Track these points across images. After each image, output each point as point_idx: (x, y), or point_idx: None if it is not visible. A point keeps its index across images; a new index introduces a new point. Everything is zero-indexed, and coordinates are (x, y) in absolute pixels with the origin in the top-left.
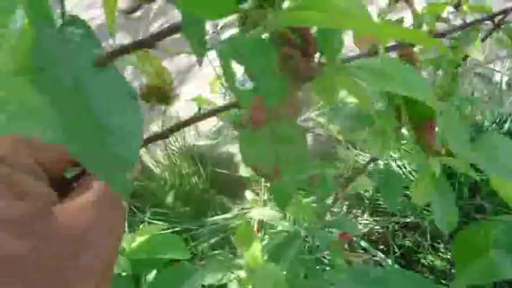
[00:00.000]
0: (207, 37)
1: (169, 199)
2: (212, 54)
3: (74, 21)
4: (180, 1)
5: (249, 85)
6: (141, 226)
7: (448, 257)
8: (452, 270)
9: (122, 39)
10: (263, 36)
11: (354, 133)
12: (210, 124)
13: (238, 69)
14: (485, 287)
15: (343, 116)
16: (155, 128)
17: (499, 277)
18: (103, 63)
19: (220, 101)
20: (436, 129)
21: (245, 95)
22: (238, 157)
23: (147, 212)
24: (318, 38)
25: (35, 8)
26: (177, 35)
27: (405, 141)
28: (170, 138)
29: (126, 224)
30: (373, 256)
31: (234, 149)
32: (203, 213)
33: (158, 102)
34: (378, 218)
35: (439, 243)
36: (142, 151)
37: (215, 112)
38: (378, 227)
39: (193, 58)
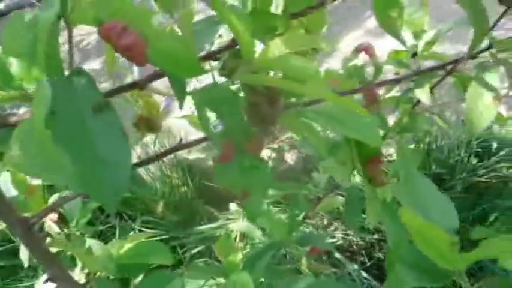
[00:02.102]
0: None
1: (159, 208)
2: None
3: (79, 72)
4: (160, 65)
5: (221, 128)
6: (131, 233)
7: None
8: None
9: None
10: (232, 87)
11: (321, 160)
12: (200, 135)
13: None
14: None
15: (311, 144)
16: (147, 139)
17: (407, 287)
18: (102, 107)
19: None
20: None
21: (217, 137)
22: None
23: (138, 220)
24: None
25: (50, 66)
26: None
27: None
28: (161, 149)
29: (117, 231)
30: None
31: None
32: (191, 222)
33: (147, 131)
34: (354, 232)
35: None
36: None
37: (199, 142)
38: (355, 240)
39: None
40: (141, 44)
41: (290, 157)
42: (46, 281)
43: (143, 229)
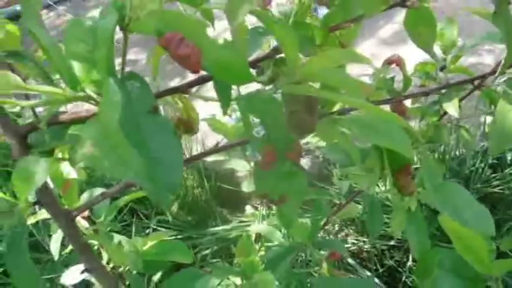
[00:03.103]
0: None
1: (174, 208)
2: None
3: (132, 75)
4: (213, 73)
5: (263, 134)
6: (146, 231)
7: None
8: None
9: (137, 54)
10: (275, 95)
11: (345, 167)
12: (217, 138)
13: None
14: None
15: (338, 151)
16: None
17: None
18: (155, 110)
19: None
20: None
21: (259, 142)
22: (240, 173)
23: (153, 219)
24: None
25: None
26: None
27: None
28: None
29: (133, 229)
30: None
31: (237, 166)
32: (204, 224)
33: (185, 133)
34: (366, 239)
35: None
36: None
37: (232, 146)
38: (366, 247)
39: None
40: (196, 54)
41: (305, 163)
42: (83, 271)
43: (158, 228)
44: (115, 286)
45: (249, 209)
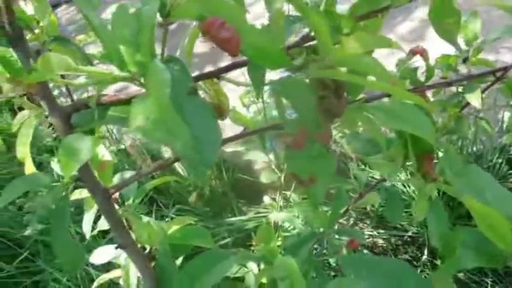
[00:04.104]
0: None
1: (192, 198)
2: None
3: (171, 59)
4: (251, 56)
5: (295, 116)
6: (166, 220)
7: None
8: None
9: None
10: (306, 80)
11: (368, 156)
12: (235, 131)
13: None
14: None
15: (361, 140)
16: None
17: (464, 268)
18: (194, 91)
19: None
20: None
21: (291, 124)
22: (259, 165)
23: (171, 209)
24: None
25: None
26: None
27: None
28: None
29: (153, 217)
30: None
31: (255, 157)
32: (221, 215)
33: (216, 118)
34: (381, 231)
35: (435, 259)
36: (171, 153)
37: (258, 131)
38: (380, 240)
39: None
40: (236, 38)
41: None
42: (116, 247)
43: (176, 217)
44: (146, 263)
45: (266, 200)
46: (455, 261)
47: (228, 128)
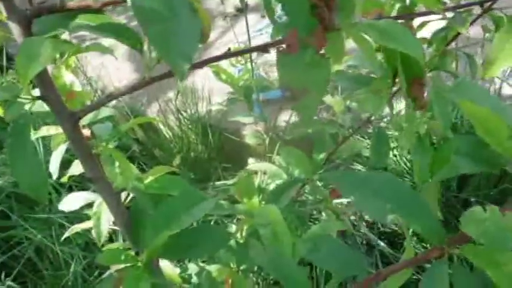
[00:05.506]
0: None
1: (176, 162)
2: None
3: None
4: None
5: (285, 20)
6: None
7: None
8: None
9: None
10: None
11: (353, 92)
12: (223, 97)
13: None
14: None
15: (346, 78)
16: (171, 94)
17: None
18: None
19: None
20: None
21: (281, 26)
22: (246, 129)
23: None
24: None
25: None
26: None
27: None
28: (183, 105)
29: None
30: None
31: (242, 118)
32: (208, 179)
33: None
34: None
35: None
36: (156, 115)
37: (244, 52)
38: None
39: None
40: None
41: None
42: (88, 180)
43: None
44: (117, 200)
45: (251, 161)
46: (451, 168)
47: (216, 91)
